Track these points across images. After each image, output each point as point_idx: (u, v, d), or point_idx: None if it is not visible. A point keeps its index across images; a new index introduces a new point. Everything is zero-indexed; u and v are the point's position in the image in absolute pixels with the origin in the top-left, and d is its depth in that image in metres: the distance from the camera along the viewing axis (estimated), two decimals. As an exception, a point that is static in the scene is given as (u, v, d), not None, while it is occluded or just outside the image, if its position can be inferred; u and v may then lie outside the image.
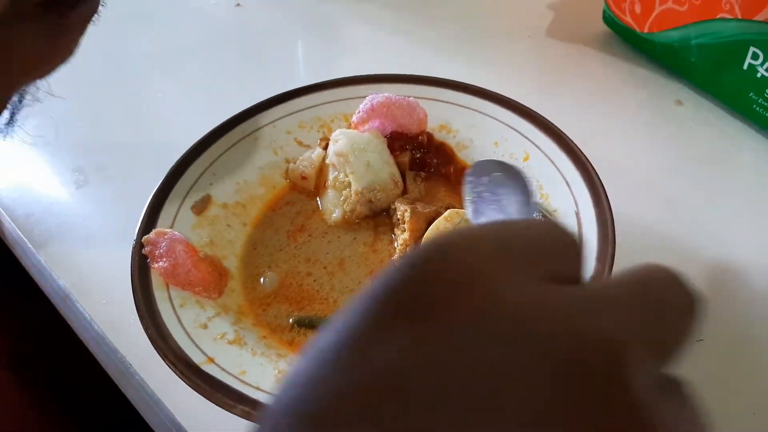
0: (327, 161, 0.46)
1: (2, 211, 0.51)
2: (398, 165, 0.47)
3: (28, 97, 0.28)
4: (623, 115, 0.56)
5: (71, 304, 0.45)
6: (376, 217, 0.45)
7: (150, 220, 0.41)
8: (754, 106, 0.51)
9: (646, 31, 0.58)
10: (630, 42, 0.61)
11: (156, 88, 0.62)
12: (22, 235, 0.49)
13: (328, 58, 0.64)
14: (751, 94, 0.51)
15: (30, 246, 0.48)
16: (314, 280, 0.42)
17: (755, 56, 0.49)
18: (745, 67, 0.51)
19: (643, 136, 0.54)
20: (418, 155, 0.47)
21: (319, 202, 0.47)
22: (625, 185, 0.48)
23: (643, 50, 0.60)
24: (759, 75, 0.50)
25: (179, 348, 0.35)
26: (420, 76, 0.49)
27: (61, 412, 0.51)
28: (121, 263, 0.39)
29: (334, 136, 0.45)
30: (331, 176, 0.45)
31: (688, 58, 0.55)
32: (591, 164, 0.42)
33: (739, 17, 0.49)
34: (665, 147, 0.53)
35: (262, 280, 0.42)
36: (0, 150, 0.56)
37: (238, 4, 0.71)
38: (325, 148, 0.47)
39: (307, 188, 0.47)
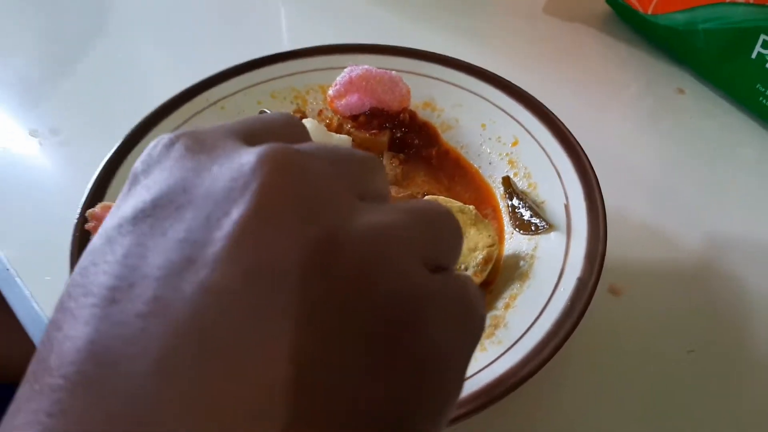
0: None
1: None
2: (376, 145, 0.43)
3: None
4: (621, 102, 0.52)
5: (11, 279, 0.41)
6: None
7: (97, 193, 0.37)
8: (761, 98, 0.48)
9: (650, 12, 0.54)
10: (632, 23, 0.57)
11: (125, 49, 0.58)
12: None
13: (313, 24, 0.60)
14: (759, 85, 0.48)
15: (-28, 213, 0.44)
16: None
17: (765, 45, 0.46)
18: (753, 56, 0.47)
19: (641, 125, 0.50)
20: (399, 135, 0.44)
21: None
22: (619, 176, 0.45)
23: (646, 33, 0.56)
24: (768, 65, 0.46)
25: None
26: (404, 47, 0.45)
27: None
28: (69, 238, 0.35)
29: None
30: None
31: (693, 43, 0.51)
32: (584, 153, 0.39)
33: (751, 2, 0.46)
34: (663, 138, 0.49)
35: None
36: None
37: (218, -38, 0.66)
38: (299, 121, 0.43)
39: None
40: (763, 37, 0.46)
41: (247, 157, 0.15)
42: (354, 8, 0.60)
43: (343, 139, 0.41)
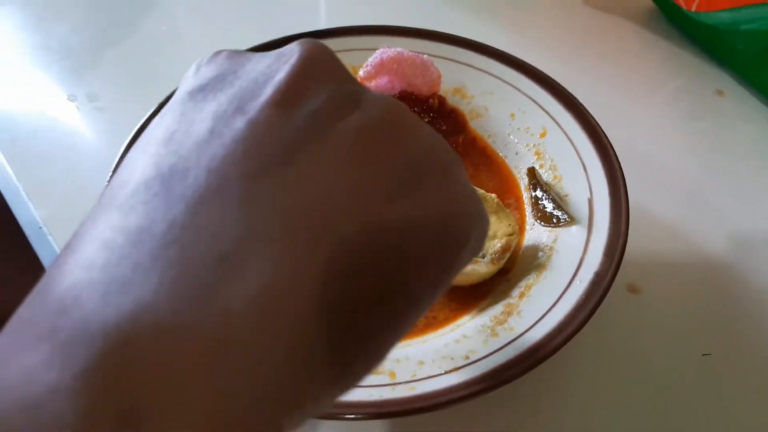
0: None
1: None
2: (403, 127, 0.43)
3: None
4: (656, 100, 0.51)
5: (43, 237, 0.42)
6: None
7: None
8: (803, 104, 0.47)
9: (693, 9, 0.53)
10: (674, 20, 0.56)
11: (167, 23, 0.58)
12: (4, 160, 0.47)
13: (352, 4, 0.60)
14: (801, 91, 0.46)
15: (11, 172, 0.46)
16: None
17: (811, 49, 0.45)
18: (798, 60, 0.46)
19: (675, 126, 0.49)
20: (427, 120, 0.44)
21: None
22: (648, 174, 0.44)
23: (688, 31, 0.55)
24: (813, 70, 0.45)
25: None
26: (437, 32, 0.45)
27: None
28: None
29: None
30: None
31: (734, 44, 0.50)
32: (613, 149, 0.38)
33: (800, 3, 0.44)
34: (698, 140, 0.48)
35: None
36: (-8, 68, 0.54)
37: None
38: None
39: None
40: (809, 40, 0.45)
41: (288, 46, 0.18)
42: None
43: None
